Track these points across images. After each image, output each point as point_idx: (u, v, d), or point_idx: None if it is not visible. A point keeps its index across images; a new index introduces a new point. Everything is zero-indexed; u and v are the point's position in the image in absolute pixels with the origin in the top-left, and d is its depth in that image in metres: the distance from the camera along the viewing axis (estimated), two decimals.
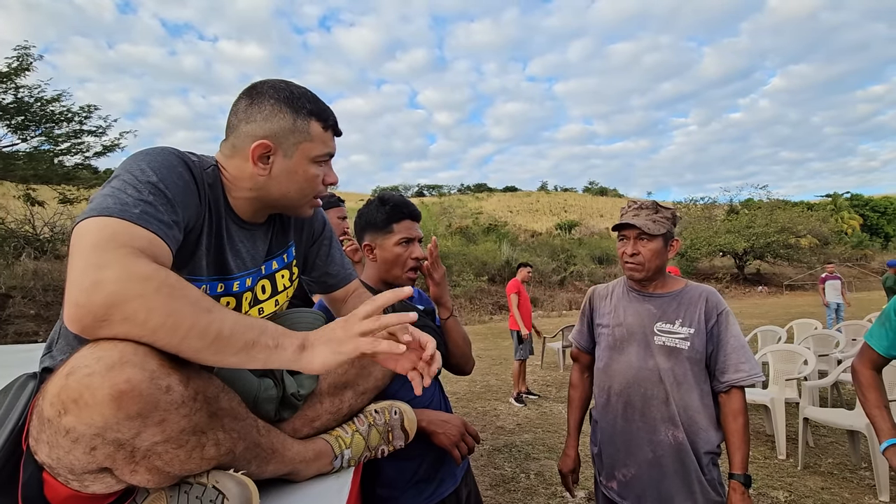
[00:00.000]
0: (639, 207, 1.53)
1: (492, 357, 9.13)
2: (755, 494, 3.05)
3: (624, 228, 1.53)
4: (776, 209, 28.53)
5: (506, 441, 4.31)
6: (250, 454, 0.72)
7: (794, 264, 28.99)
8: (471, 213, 32.27)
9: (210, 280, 0.83)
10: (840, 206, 44.62)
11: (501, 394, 6.15)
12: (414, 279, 1.43)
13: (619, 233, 1.56)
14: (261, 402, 0.83)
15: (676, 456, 1.44)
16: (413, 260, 1.40)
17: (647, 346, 1.51)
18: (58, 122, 11.95)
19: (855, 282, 27.74)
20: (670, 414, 1.45)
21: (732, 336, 1.46)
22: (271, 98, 0.84)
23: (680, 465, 1.43)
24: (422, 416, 1.21)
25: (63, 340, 0.74)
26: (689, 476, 1.43)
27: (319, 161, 0.89)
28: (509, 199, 60.90)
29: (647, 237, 1.49)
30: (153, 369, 0.57)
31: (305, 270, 1.09)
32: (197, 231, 0.80)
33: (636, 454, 1.49)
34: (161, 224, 0.68)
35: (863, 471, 3.30)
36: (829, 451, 3.73)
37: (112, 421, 0.54)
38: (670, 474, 1.44)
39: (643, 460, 1.47)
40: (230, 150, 0.85)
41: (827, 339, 5.37)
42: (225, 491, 0.63)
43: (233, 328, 0.63)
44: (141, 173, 0.70)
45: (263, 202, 0.89)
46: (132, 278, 0.58)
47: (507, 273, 21.79)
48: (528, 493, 3.23)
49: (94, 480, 0.60)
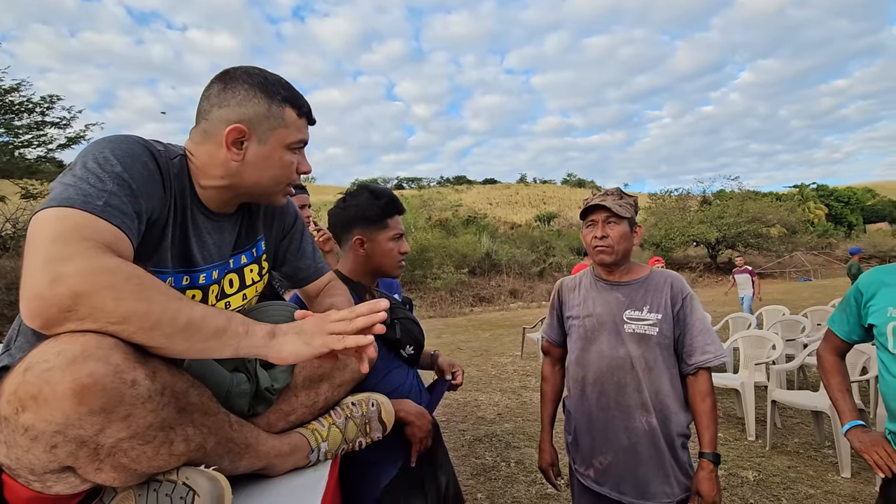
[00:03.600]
0: (604, 194, 1.55)
1: (472, 349, 9.19)
2: (726, 475, 3.16)
3: (593, 211, 1.54)
4: (747, 200, 29.35)
5: (486, 431, 4.36)
6: (222, 449, 0.71)
7: (763, 253, 29.95)
8: (450, 205, 32.26)
9: (175, 272, 0.81)
10: (806, 196, 46.16)
11: (482, 384, 6.20)
12: (400, 273, 1.45)
13: (586, 219, 1.57)
14: (233, 397, 0.81)
15: (651, 441, 1.47)
16: (400, 254, 1.42)
17: (618, 335, 1.52)
18: (17, 114, 11.42)
19: (820, 269, 28.85)
20: (643, 400, 1.48)
21: (698, 319, 1.49)
22: (245, 83, 0.82)
23: (655, 450, 1.46)
24: (400, 406, 1.21)
25: (22, 337, 0.71)
26: (663, 460, 1.46)
27: (294, 148, 0.88)
28: (489, 192, 61.09)
29: (615, 220, 1.52)
30: (118, 363, 0.56)
31: (276, 265, 1.07)
32: (161, 222, 0.77)
33: (612, 442, 1.51)
34: (125, 217, 0.66)
35: (826, 449, 3.46)
36: (795, 432, 3.89)
37: (73, 417, 0.52)
38: (645, 459, 1.47)
39: (619, 447, 1.50)
40: (201, 136, 0.83)
41: (794, 325, 5.58)
42: (196, 487, 0.61)
43: (203, 314, 0.63)
44: (105, 161, 0.68)
45: (234, 190, 0.87)
46: (99, 270, 0.56)
47: (486, 265, 21.92)
48: (508, 482, 3.27)
49: (56, 480, 0.58)
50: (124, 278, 0.58)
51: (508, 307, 18.61)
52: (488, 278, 21.56)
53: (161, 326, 0.59)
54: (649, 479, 1.47)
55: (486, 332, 11.78)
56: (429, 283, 18.83)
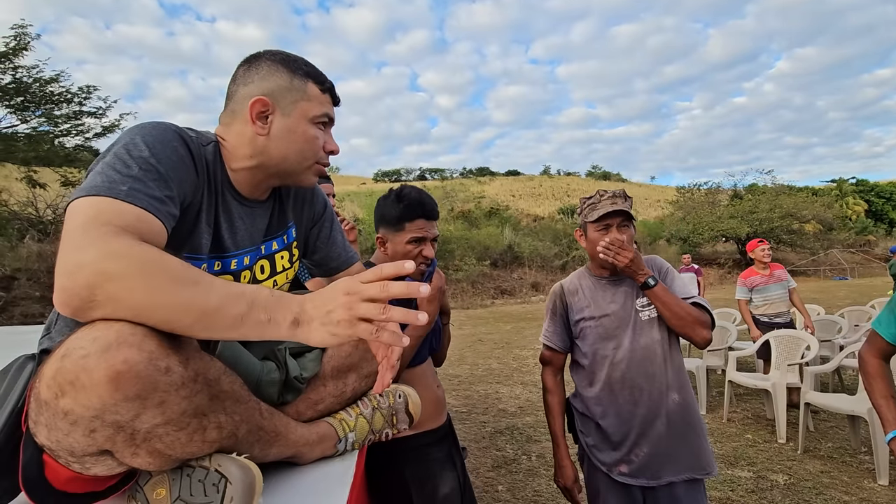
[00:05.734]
0: (613, 196, 1.57)
1: (493, 341, 9.17)
2: (755, 477, 3.08)
3: (613, 216, 1.55)
4: (781, 194, 28.30)
5: (507, 424, 4.35)
6: (253, 437, 0.71)
7: (797, 250, 28.88)
8: (473, 197, 32.15)
9: (209, 258, 0.82)
10: (845, 191, 44.19)
11: (503, 377, 6.19)
12: (423, 276, 1.44)
13: (598, 223, 1.56)
14: (263, 386, 0.81)
15: (682, 417, 1.52)
16: (423, 258, 1.40)
17: (636, 326, 1.55)
18: (57, 103, 11.82)
19: (858, 268, 27.68)
20: (668, 381, 1.53)
21: (679, 285, 1.59)
22: (268, 60, 0.84)
23: (686, 424, 1.52)
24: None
25: (62, 321, 0.73)
26: (693, 429, 1.54)
27: (318, 122, 0.87)
28: (512, 184, 60.59)
29: (627, 223, 1.56)
30: (151, 350, 0.56)
31: (307, 253, 1.07)
32: (196, 207, 0.78)
33: (649, 433, 1.51)
34: (151, 199, 0.66)
35: (862, 455, 3.32)
36: (828, 436, 3.75)
37: (110, 403, 0.53)
38: (681, 436, 1.51)
39: (655, 436, 1.51)
40: (230, 116, 0.85)
41: (830, 325, 5.36)
42: (227, 474, 0.62)
43: (220, 302, 0.58)
44: (134, 147, 0.68)
45: (264, 170, 0.87)
46: (108, 257, 0.56)
47: (509, 258, 21.80)
48: (529, 475, 3.26)
49: (95, 463, 0.59)
50: (131, 266, 0.56)
51: (530, 300, 18.50)
52: (510, 271, 21.44)
53: (176, 318, 0.57)
54: (691, 454, 1.52)
55: (508, 324, 11.74)
56: (450, 274, 18.84)
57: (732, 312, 6.05)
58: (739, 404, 4.61)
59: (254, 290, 0.61)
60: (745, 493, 2.87)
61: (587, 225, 1.60)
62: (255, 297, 0.60)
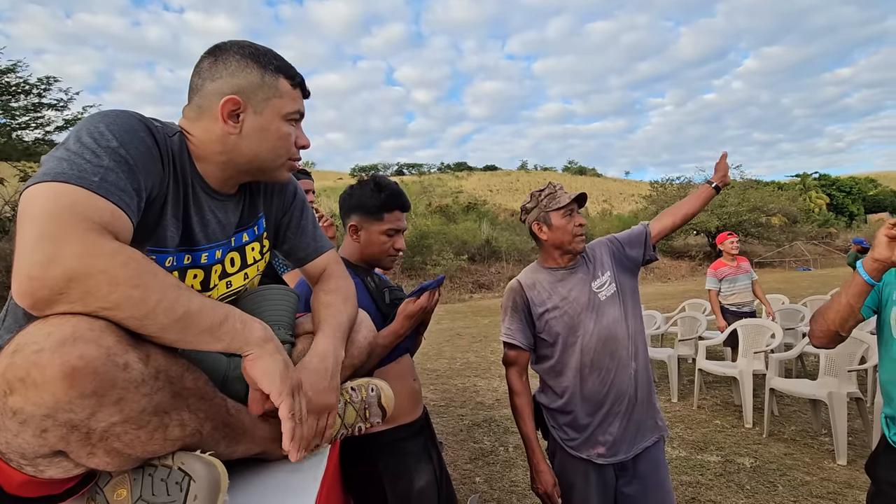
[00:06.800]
0: (562, 187, 1.68)
1: (471, 335, 9.22)
2: (723, 461, 3.19)
3: (581, 201, 1.65)
4: (748, 189, 29.21)
5: (485, 416, 4.39)
6: (219, 434, 0.70)
7: (763, 242, 29.88)
8: (451, 191, 32.04)
9: (177, 251, 0.79)
10: (808, 185, 45.90)
11: (481, 370, 6.24)
12: (392, 267, 1.44)
13: (564, 209, 1.63)
14: (231, 382, 0.80)
15: (644, 384, 1.61)
16: (395, 250, 1.42)
17: (597, 308, 1.61)
18: (14, 95, 11.28)
19: (820, 259, 28.81)
20: (630, 354, 1.60)
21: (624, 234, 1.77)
22: (236, 54, 0.80)
23: (645, 392, 1.61)
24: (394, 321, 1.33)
25: (11, 317, 0.69)
26: (650, 393, 1.63)
27: (290, 119, 0.85)
28: (489, 178, 60.85)
29: (581, 210, 1.68)
30: (110, 345, 0.54)
31: (276, 243, 1.05)
32: (161, 200, 0.75)
33: (616, 411, 1.57)
34: (123, 194, 0.63)
35: (823, 437, 3.48)
36: (792, 419, 3.91)
37: (63, 400, 0.51)
38: (641, 403, 1.60)
39: (622, 412, 1.57)
40: (196, 112, 0.81)
41: (793, 314, 5.58)
42: (191, 472, 0.60)
43: (201, 306, 0.63)
44: (100, 136, 0.65)
45: (235, 166, 0.84)
46: (95, 254, 0.55)
47: (486, 252, 21.90)
48: (506, 466, 3.30)
49: (48, 465, 0.57)
50: (121, 263, 0.56)
51: None
52: (488, 265, 21.56)
53: (155, 315, 0.58)
54: (653, 417, 1.62)
55: (486, 318, 11.82)
56: (428, 269, 18.83)
57: (703, 303, 6.24)
58: (709, 392, 4.76)
59: (230, 306, 0.70)
60: (713, 477, 2.97)
61: (549, 214, 1.63)
62: (232, 309, 0.68)
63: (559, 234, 1.62)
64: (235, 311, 0.68)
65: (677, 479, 2.94)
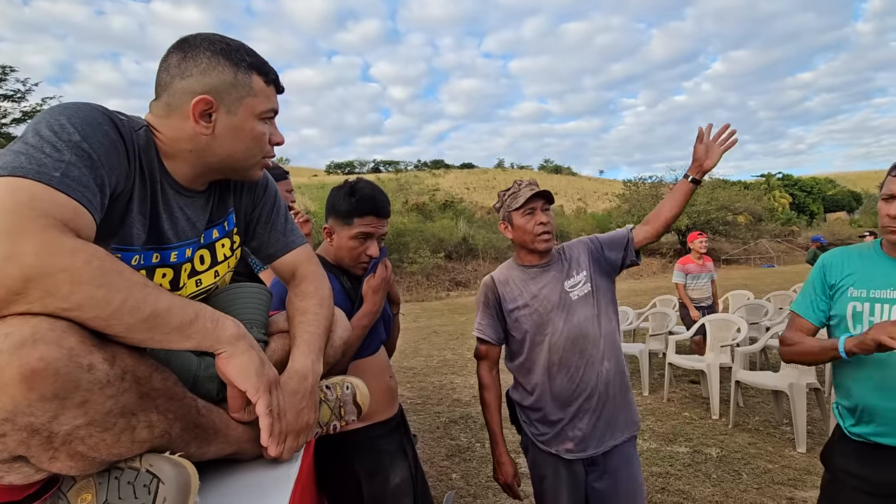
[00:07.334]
0: (530, 184, 1.64)
1: (448, 332, 9.25)
2: (691, 452, 3.29)
3: (536, 199, 1.60)
4: (717, 188, 30.15)
5: (462, 413, 4.41)
6: (189, 435, 0.68)
7: (730, 240, 30.92)
8: (427, 189, 31.99)
9: (144, 250, 0.77)
10: (772, 185, 47.76)
11: (458, 367, 6.26)
12: (363, 272, 1.43)
13: (523, 208, 1.60)
14: (202, 381, 0.78)
15: (615, 383, 1.60)
16: (367, 255, 1.40)
17: (568, 308, 1.61)
18: None
19: (783, 256, 30.00)
20: (602, 354, 1.59)
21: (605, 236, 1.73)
22: (207, 50, 0.77)
23: (618, 390, 1.61)
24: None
25: None
26: (624, 392, 1.63)
27: (264, 118, 0.83)
28: (466, 176, 61.00)
29: (548, 207, 1.63)
30: (72, 346, 0.52)
31: (246, 239, 1.02)
32: (126, 196, 0.73)
33: (586, 408, 1.57)
34: (85, 190, 0.61)
35: (784, 426, 3.63)
36: (756, 410, 4.07)
37: (23, 404, 0.49)
38: (613, 401, 1.59)
39: (591, 409, 1.57)
40: (164, 109, 0.78)
41: (757, 309, 5.80)
42: (160, 474, 0.59)
43: (170, 305, 0.61)
44: (61, 129, 0.62)
45: (207, 165, 0.82)
46: (56, 252, 0.52)
47: (463, 250, 21.97)
48: (482, 462, 3.33)
49: (8, 470, 0.55)
50: (84, 261, 0.54)
51: None
52: (465, 263, 21.64)
53: (121, 315, 0.56)
54: (625, 416, 1.61)
55: (463, 315, 11.86)
56: (405, 267, 18.77)
57: (673, 299, 6.41)
58: (678, 385, 4.91)
59: (201, 304, 0.68)
60: (682, 468, 3.07)
61: (511, 214, 1.63)
62: (202, 307, 0.67)
63: (520, 233, 1.62)
64: (206, 309, 0.67)
65: (648, 471, 3.03)
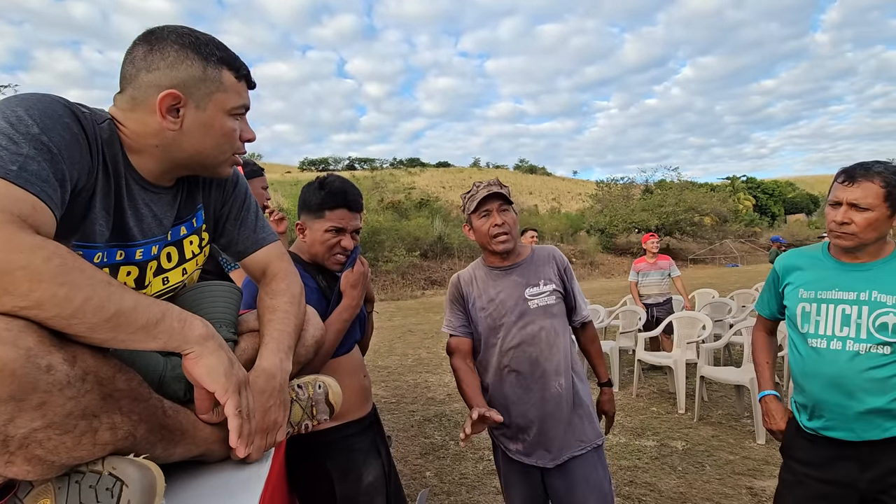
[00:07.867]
0: (488, 184, 1.62)
1: (423, 331, 9.24)
2: (658, 445, 3.40)
3: (487, 202, 1.57)
4: (685, 190, 31.11)
5: (436, 411, 4.42)
6: (155, 437, 0.67)
7: (697, 240, 31.95)
8: (403, 187, 31.83)
9: (108, 247, 0.75)
10: (737, 188, 49.53)
11: (432, 366, 6.27)
12: (339, 267, 1.42)
13: (478, 211, 1.58)
14: (168, 382, 0.77)
15: (568, 399, 1.58)
16: (340, 248, 1.39)
17: (524, 314, 1.59)
18: None
19: (747, 256, 31.19)
20: (555, 366, 1.57)
21: (576, 284, 1.71)
22: (175, 43, 0.75)
23: (570, 406, 1.58)
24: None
25: None
26: (577, 410, 1.60)
27: (235, 114, 0.82)
28: (442, 175, 61.03)
29: (507, 207, 1.60)
30: (30, 346, 0.51)
31: (215, 236, 0.99)
32: (88, 191, 0.70)
33: (536, 414, 1.56)
34: (44, 185, 0.59)
35: (745, 419, 3.78)
36: (719, 404, 4.22)
37: None
38: (566, 418, 1.57)
39: (542, 416, 1.56)
40: (129, 103, 0.75)
41: (721, 306, 6.02)
42: (123, 477, 0.58)
43: (135, 304, 0.60)
44: (18, 122, 0.60)
45: (174, 161, 0.80)
46: (14, 248, 0.51)
47: (439, 249, 21.97)
48: (456, 459, 3.35)
49: None
50: (44, 258, 0.52)
51: None
52: (440, 262, 21.64)
53: (83, 314, 0.54)
54: (572, 434, 1.58)
55: (438, 314, 11.87)
56: (380, 265, 18.65)
57: None
58: (647, 380, 5.05)
59: (167, 303, 0.66)
60: (649, 461, 3.16)
61: (471, 217, 1.63)
62: (169, 306, 0.65)
63: (479, 235, 1.61)
64: (174, 309, 0.66)
65: (616, 464, 3.11)
